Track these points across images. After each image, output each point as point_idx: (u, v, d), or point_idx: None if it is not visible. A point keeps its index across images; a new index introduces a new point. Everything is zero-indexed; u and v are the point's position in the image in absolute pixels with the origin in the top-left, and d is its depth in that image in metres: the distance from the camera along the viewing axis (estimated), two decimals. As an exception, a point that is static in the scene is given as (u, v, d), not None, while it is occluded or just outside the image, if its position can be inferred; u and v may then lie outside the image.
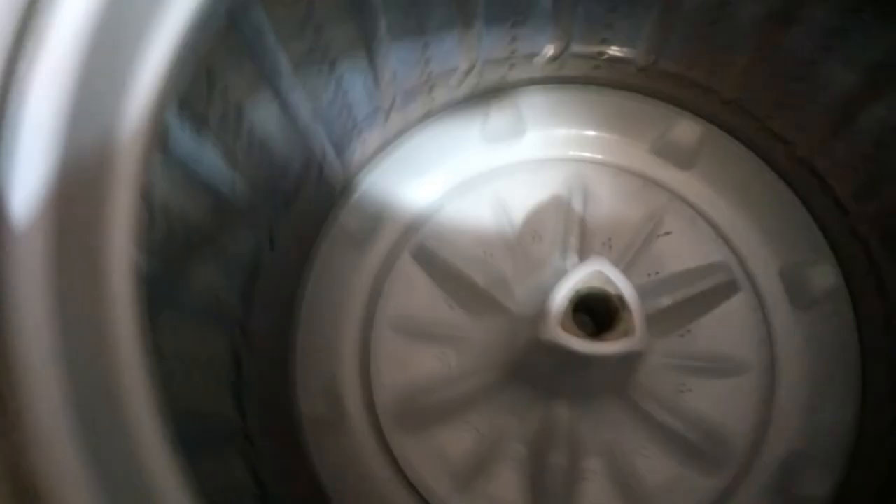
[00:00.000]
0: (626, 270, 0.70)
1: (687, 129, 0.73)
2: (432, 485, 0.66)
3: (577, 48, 0.71)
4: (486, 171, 0.75)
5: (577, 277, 0.54)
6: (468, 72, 0.72)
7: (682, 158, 0.74)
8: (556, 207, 0.74)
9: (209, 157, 0.51)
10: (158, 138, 0.42)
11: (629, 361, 0.58)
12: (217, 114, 0.51)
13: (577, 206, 0.73)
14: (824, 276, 0.69)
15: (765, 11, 0.61)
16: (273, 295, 0.68)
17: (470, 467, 0.66)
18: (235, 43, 0.48)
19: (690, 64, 0.70)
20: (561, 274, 0.68)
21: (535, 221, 0.73)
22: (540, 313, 0.56)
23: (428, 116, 0.75)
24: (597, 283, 0.54)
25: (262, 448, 0.62)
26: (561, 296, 0.53)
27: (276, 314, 0.69)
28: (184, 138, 0.47)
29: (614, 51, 0.71)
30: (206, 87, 0.48)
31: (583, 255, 0.71)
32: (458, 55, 0.69)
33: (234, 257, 0.62)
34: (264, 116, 0.58)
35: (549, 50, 0.71)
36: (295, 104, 0.60)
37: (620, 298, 0.54)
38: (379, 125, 0.72)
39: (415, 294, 0.71)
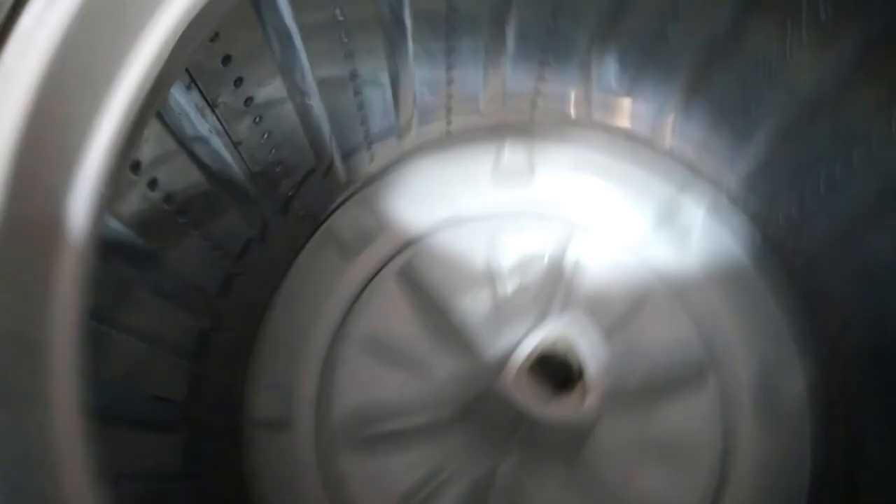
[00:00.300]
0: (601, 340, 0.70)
1: (692, 208, 0.73)
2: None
3: (598, 97, 0.71)
4: (489, 208, 0.75)
5: (544, 336, 0.54)
6: (489, 103, 0.71)
7: (681, 238, 0.73)
8: (548, 262, 0.74)
9: (210, 141, 0.51)
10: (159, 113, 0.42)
11: (578, 430, 0.58)
12: (227, 101, 0.51)
13: (569, 265, 0.73)
14: (794, 381, 0.68)
15: (789, 98, 0.60)
16: (252, 289, 0.68)
17: (408, 502, 0.65)
18: (258, 34, 0.49)
19: (709, 138, 0.69)
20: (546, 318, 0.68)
21: (524, 272, 0.73)
22: (501, 363, 0.56)
23: (443, 141, 0.74)
24: (561, 347, 0.54)
25: (205, 439, 0.61)
26: (523, 351, 0.53)
27: (251, 308, 0.69)
28: (187, 117, 0.47)
29: (636, 109, 0.71)
30: (220, 72, 0.48)
31: (563, 314, 0.71)
32: (482, 84, 0.69)
33: (221, 246, 0.61)
34: (276, 112, 0.58)
35: (572, 94, 0.71)
36: (309, 105, 0.60)
37: (580, 367, 0.53)
38: (391, 141, 0.72)
39: (391, 315, 0.71)
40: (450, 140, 0.75)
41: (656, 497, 0.66)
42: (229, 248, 0.63)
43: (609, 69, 0.68)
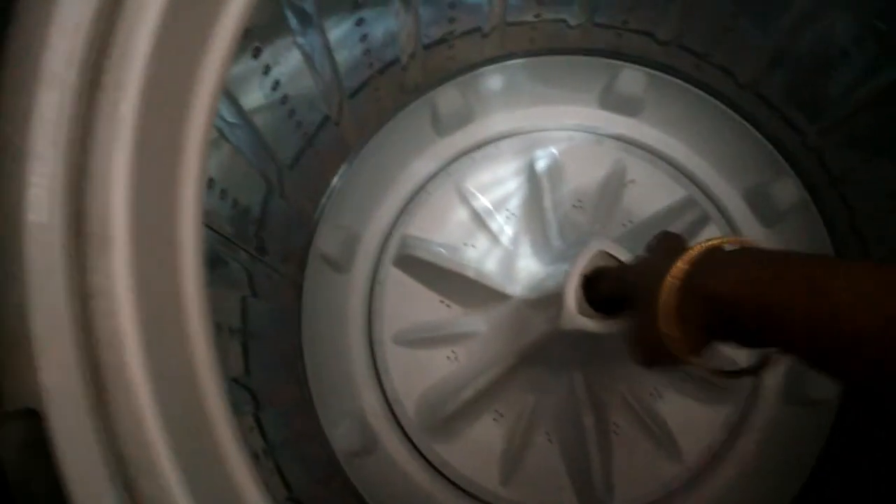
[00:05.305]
0: (603, 226, 0.70)
1: (630, 78, 0.73)
2: (479, 482, 0.67)
3: (513, 18, 0.70)
4: (445, 163, 0.74)
5: (583, 262, 0.54)
6: (411, 56, 0.70)
7: (630, 107, 0.74)
8: (522, 181, 0.74)
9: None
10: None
11: None
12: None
13: (542, 174, 0.73)
14: (786, 191, 0.71)
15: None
16: (273, 348, 0.67)
17: (509, 454, 0.68)
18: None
19: (626, 15, 0.69)
20: (547, 244, 0.69)
21: (506, 200, 0.74)
22: (550, 302, 0.56)
23: (378, 120, 0.74)
24: (602, 262, 0.54)
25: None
26: (572, 284, 0.53)
27: (281, 365, 0.68)
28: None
29: (550, 14, 0.70)
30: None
31: (559, 221, 0.72)
32: (398, 40, 0.68)
33: (219, 319, 0.61)
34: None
35: (485, 25, 0.70)
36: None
37: None
38: (331, 136, 0.70)
39: (408, 303, 0.71)
40: (385, 117, 0.74)
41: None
42: (231, 317, 0.62)
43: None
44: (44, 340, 0.25)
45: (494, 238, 0.72)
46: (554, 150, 0.74)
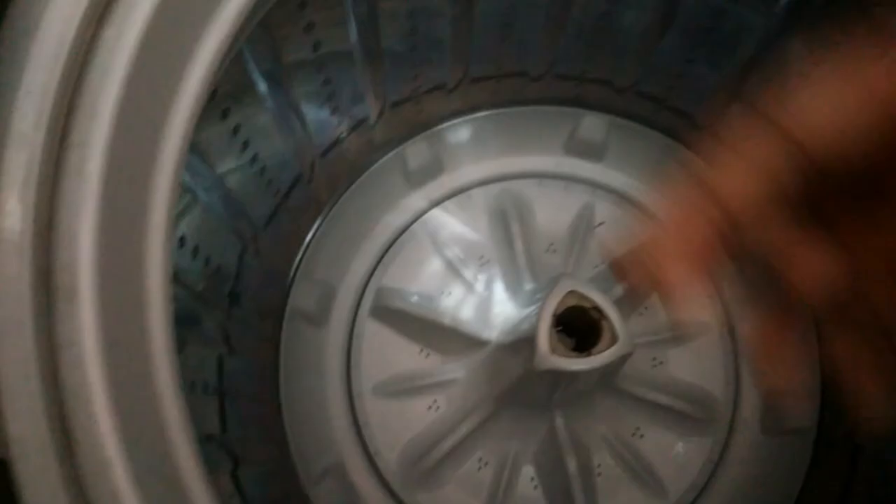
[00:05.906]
0: (575, 268, 0.71)
1: (591, 125, 0.76)
2: (465, 533, 0.65)
3: (475, 73, 0.73)
4: (417, 214, 0.76)
5: (554, 302, 0.55)
6: (379, 114, 0.72)
7: (594, 152, 0.77)
8: (493, 228, 0.76)
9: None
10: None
11: (620, 362, 0.59)
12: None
13: (513, 221, 0.75)
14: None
15: (650, 17, 0.64)
16: (251, 405, 0.68)
17: (494, 502, 0.67)
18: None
19: (585, 66, 0.73)
20: (521, 289, 0.70)
21: (478, 247, 0.75)
22: (525, 344, 0.57)
23: (349, 176, 0.76)
24: (573, 302, 0.55)
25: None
26: (544, 325, 0.54)
27: (259, 422, 0.69)
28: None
29: (512, 67, 0.73)
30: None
31: (532, 266, 0.72)
32: (365, 98, 0.70)
33: (195, 378, 0.61)
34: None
35: (449, 81, 0.72)
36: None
37: (598, 310, 0.54)
38: (303, 194, 0.72)
39: (386, 353, 0.71)
40: (355, 173, 0.76)
41: (687, 372, 0.70)
42: (205, 377, 0.62)
43: (476, 49, 0.70)
44: (12, 391, 0.26)
45: (469, 285, 0.73)
46: (523, 197, 0.76)
